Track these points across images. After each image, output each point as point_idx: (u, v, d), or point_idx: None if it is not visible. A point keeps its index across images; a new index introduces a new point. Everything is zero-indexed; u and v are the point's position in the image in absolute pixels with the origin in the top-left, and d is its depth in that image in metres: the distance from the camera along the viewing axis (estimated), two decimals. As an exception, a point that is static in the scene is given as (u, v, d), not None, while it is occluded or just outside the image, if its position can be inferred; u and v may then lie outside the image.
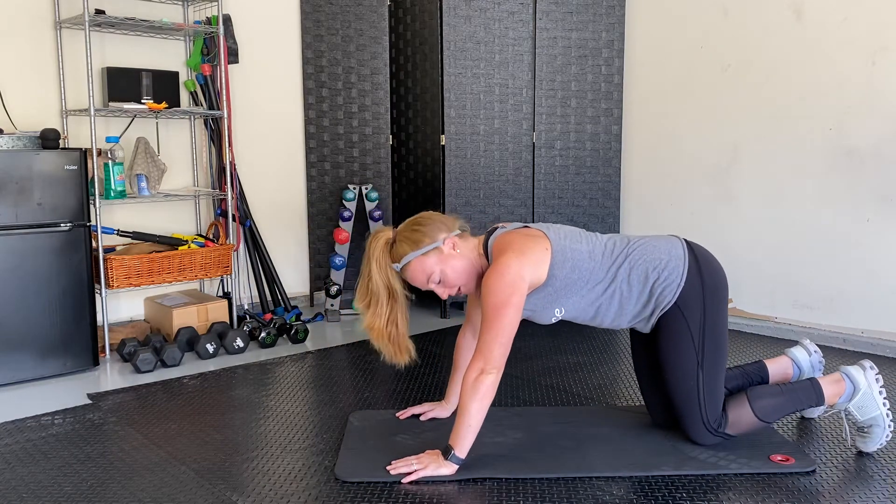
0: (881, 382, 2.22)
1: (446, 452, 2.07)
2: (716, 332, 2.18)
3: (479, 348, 2.05)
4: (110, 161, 3.43)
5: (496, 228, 2.24)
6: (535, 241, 2.14)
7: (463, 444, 2.06)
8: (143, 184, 3.59)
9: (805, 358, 2.47)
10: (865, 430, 2.22)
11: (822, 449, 2.28)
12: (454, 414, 2.47)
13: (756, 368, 2.46)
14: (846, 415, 2.25)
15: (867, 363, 2.26)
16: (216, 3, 3.72)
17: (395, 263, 2.13)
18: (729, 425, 2.19)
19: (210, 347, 3.39)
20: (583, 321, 2.25)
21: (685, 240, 2.27)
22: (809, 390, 2.23)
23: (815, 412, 2.48)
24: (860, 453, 2.24)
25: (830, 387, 2.22)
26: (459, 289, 2.20)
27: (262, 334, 3.56)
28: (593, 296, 2.17)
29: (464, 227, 2.24)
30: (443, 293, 2.19)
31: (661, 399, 2.36)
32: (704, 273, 2.19)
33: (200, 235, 3.82)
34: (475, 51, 4.04)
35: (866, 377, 2.21)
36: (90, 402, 2.81)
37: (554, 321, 2.22)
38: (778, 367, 2.47)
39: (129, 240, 3.64)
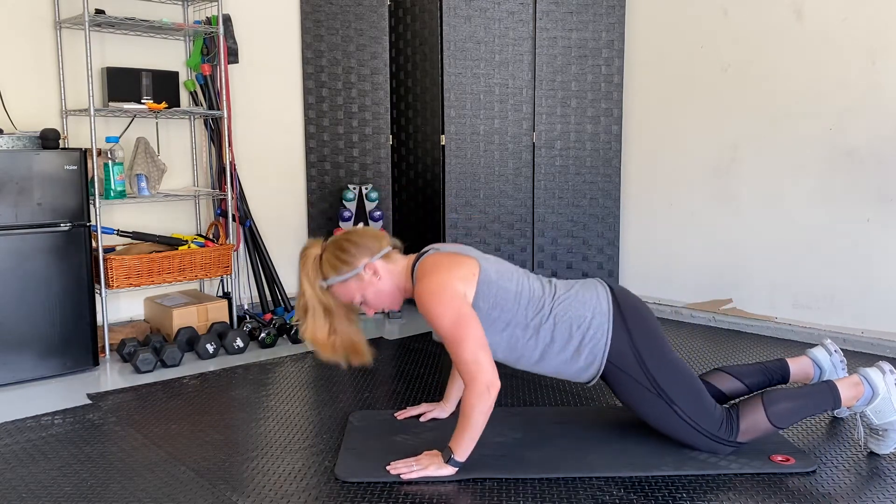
0: None
1: (446, 455, 2.08)
2: (664, 366, 2.15)
3: (467, 371, 2.01)
4: (110, 161, 3.43)
5: (428, 250, 2.22)
6: (464, 263, 2.13)
7: (465, 450, 2.06)
8: (143, 184, 3.59)
9: (825, 358, 2.45)
10: (880, 433, 2.21)
11: (822, 449, 2.28)
12: (453, 415, 2.48)
13: (777, 366, 2.44)
14: (861, 417, 2.24)
15: (886, 366, 2.22)
16: (216, 3, 3.72)
17: (321, 281, 2.16)
18: (741, 433, 2.15)
19: (210, 347, 3.39)
20: (502, 361, 2.20)
21: (609, 286, 2.25)
22: (826, 394, 2.19)
23: (843, 412, 2.47)
24: (870, 454, 2.24)
25: (848, 390, 2.19)
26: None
27: (262, 334, 3.56)
28: (512, 339, 2.15)
29: (395, 245, 2.24)
30: (368, 312, 2.23)
31: None
32: (629, 322, 2.17)
33: (200, 235, 3.82)
34: (475, 51, 4.04)
35: (885, 382, 2.18)
36: (90, 402, 2.81)
37: None
38: (799, 367, 2.45)
39: (128, 240, 3.64)
